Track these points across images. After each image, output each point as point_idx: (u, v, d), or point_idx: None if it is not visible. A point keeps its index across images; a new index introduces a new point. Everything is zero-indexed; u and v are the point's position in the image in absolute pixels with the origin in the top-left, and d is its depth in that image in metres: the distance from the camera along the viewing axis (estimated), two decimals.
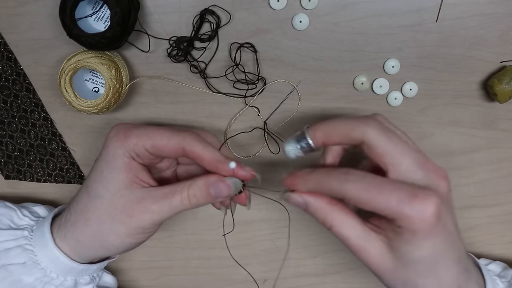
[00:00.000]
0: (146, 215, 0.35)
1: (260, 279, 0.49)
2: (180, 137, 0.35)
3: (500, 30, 0.42)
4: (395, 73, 0.43)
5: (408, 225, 0.30)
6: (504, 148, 0.45)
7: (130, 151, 0.35)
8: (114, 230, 0.36)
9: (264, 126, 0.44)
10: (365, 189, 0.30)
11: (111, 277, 0.45)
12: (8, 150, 0.46)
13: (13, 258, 0.37)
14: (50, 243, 0.37)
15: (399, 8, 0.41)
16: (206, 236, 0.48)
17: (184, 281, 0.50)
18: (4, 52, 0.43)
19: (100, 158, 0.37)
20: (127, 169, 0.35)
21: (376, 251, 0.32)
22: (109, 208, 0.35)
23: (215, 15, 0.41)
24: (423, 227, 0.30)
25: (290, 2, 0.41)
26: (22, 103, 0.44)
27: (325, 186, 0.32)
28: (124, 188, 0.35)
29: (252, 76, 0.43)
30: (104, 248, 0.37)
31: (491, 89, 0.42)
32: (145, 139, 0.35)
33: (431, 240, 0.31)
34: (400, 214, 0.30)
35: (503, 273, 0.42)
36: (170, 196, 0.35)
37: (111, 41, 0.38)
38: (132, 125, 0.37)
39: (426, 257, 0.31)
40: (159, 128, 0.36)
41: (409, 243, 0.31)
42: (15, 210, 0.41)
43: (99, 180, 0.36)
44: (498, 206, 0.47)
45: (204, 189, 0.35)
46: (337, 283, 0.49)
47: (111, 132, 0.36)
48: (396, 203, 0.30)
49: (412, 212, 0.29)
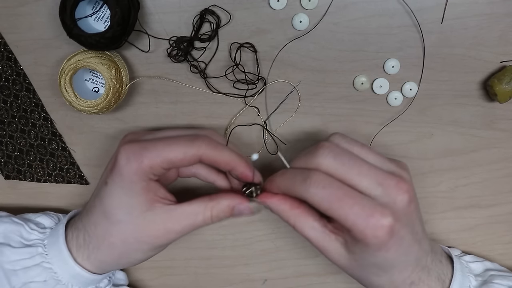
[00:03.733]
0: (171, 235, 0.36)
1: (260, 279, 0.49)
2: (195, 148, 0.35)
3: (500, 30, 0.42)
4: (395, 73, 0.43)
5: (361, 238, 0.32)
6: (504, 148, 0.45)
7: (148, 174, 0.35)
8: (140, 249, 0.37)
9: (264, 126, 0.44)
10: (326, 199, 0.32)
11: (122, 273, 0.46)
12: (8, 150, 0.46)
13: (34, 276, 0.38)
14: (69, 261, 0.37)
15: (399, 8, 0.41)
16: (206, 236, 0.48)
17: (184, 281, 0.50)
18: (4, 52, 0.43)
19: (114, 183, 0.35)
20: (146, 191, 0.35)
21: (335, 250, 0.35)
22: (134, 232, 0.36)
23: (215, 15, 0.41)
24: (376, 242, 0.32)
25: (290, 2, 0.41)
26: (22, 103, 0.44)
27: (291, 190, 0.34)
28: (146, 210, 0.36)
29: (252, 76, 0.43)
30: (128, 263, 0.39)
31: (491, 89, 0.42)
32: (160, 160, 0.34)
33: (382, 253, 0.33)
34: (355, 228, 0.31)
35: (483, 273, 0.42)
36: (193, 216, 0.36)
37: (111, 41, 0.38)
38: (141, 146, 0.35)
39: (378, 263, 0.34)
40: (171, 141, 0.35)
41: (363, 252, 0.33)
42: (22, 225, 0.40)
43: (118, 206, 0.36)
44: (498, 206, 0.47)
45: (227, 211, 0.37)
46: (338, 283, 0.49)
47: (121, 159, 0.35)
48: (353, 218, 0.31)
49: (366, 229, 0.31)
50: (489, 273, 0.42)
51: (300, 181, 0.33)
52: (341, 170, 0.33)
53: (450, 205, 0.47)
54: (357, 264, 0.35)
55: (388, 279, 0.35)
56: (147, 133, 0.39)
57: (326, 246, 0.35)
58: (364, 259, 0.34)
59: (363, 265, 0.34)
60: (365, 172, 0.33)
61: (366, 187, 0.32)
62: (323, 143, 0.34)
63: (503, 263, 0.47)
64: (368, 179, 0.32)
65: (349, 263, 0.35)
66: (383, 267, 0.34)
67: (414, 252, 0.35)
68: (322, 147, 0.34)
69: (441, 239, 0.48)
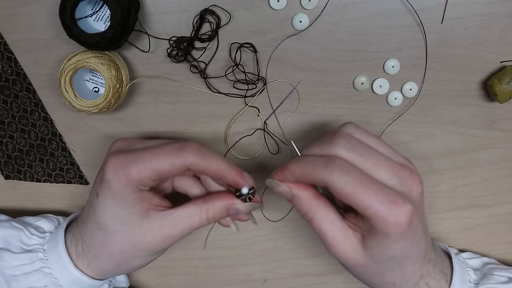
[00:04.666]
0: (169, 240, 0.36)
1: (260, 279, 0.49)
2: (182, 159, 0.34)
3: (500, 30, 0.42)
4: (395, 73, 0.43)
5: (382, 227, 0.31)
6: (504, 148, 0.45)
7: (137, 186, 0.34)
8: (139, 256, 0.37)
9: (264, 127, 0.44)
10: (351, 183, 0.31)
11: (123, 276, 0.46)
12: (8, 150, 0.46)
13: (34, 282, 0.38)
14: (70, 266, 0.37)
15: (399, 8, 0.41)
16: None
17: (184, 281, 0.50)
18: (4, 52, 0.43)
19: (104, 195, 0.35)
20: (139, 202, 0.35)
21: (351, 247, 0.34)
22: (130, 240, 0.36)
23: (215, 15, 0.41)
24: (397, 231, 0.31)
25: (290, 2, 0.41)
26: (22, 103, 0.44)
27: (311, 175, 0.33)
28: (141, 218, 0.35)
29: (252, 76, 0.43)
30: (129, 269, 0.39)
31: (491, 89, 0.42)
32: (148, 172, 0.34)
33: (401, 243, 0.32)
34: (377, 216, 0.31)
35: (482, 268, 0.43)
36: (189, 220, 0.36)
37: (111, 41, 0.38)
38: (128, 158, 0.35)
39: (395, 256, 0.33)
40: (158, 152, 0.35)
41: (381, 244, 0.33)
42: (22, 230, 0.40)
43: (112, 217, 0.35)
44: (498, 206, 0.47)
45: (223, 212, 0.36)
46: (337, 283, 0.50)
47: (108, 172, 0.34)
48: (376, 204, 0.31)
49: (389, 216, 0.31)
50: (488, 266, 0.42)
51: (322, 166, 0.32)
52: (358, 160, 0.32)
53: (450, 205, 0.47)
54: (372, 261, 0.34)
55: (401, 273, 0.35)
56: (136, 140, 0.38)
57: (342, 242, 0.34)
58: (382, 253, 0.33)
59: (379, 261, 0.34)
60: (381, 163, 0.33)
61: (383, 177, 0.32)
62: (340, 132, 0.34)
63: (502, 263, 0.47)
64: (384, 169, 0.32)
65: (364, 260, 0.34)
66: (398, 260, 0.34)
67: (424, 244, 0.35)
68: (339, 136, 0.33)
69: (441, 239, 0.48)
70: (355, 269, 0.35)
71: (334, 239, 0.34)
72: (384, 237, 0.32)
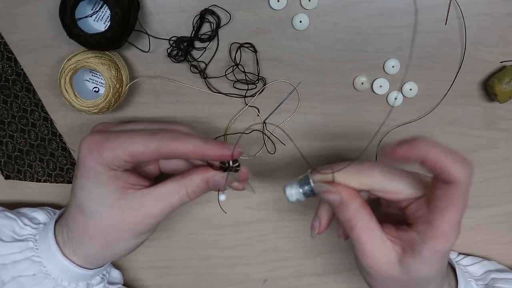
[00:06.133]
0: (150, 220, 0.35)
1: (260, 279, 0.49)
2: (156, 141, 0.33)
3: (500, 30, 0.42)
4: (395, 73, 0.43)
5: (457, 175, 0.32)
6: (504, 148, 0.45)
7: (110, 165, 0.34)
8: (122, 238, 0.36)
9: (263, 127, 0.44)
10: (434, 145, 0.32)
11: (117, 272, 0.46)
12: (8, 150, 0.46)
13: (23, 270, 0.37)
14: (58, 255, 0.37)
15: (399, 8, 0.41)
16: (206, 236, 0.48)
17: (184, 281, 0.50)
18: (4, 52, 0.43)
19: (81, 175, 0.35)
20: (115, 180, 0.35)
21: (385, 259, 0.33)
22: (110, 221, 0.35)
23: (215, 15, 0.41)
24: (448, 242, 0.31)
25: (290, 2, 0.41)
26: (22, 103, 0.44)
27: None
28: (119, 198, 0.35)
29: (252, 76, 0.43)
30: (114, 254, 0.38)
31: (491, 89, 0.42)
32: (121, 151, 0.33)
33: (444, 260, 0.33)
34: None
35: (484, 276, 0.43)
36: (169, 197, 0.35)
37: (111, 41, 0.38)
38: (103, 137, 0.34)
39: (432, 274, 0.33)
40: (133, 134, 0.34)
41: (425, 262, 0.32)
42: (15, 220, 0.40)
43: (89, 198, 0.35)
44: (498, 206, 0.47)
45: (202, 185, 0.35)
46: (337, 283, 0.50)
47: (82, 150, 0.34)
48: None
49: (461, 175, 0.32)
50: (490, 275, 0.42)
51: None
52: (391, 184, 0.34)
53: None
54: (408, 277, 0.33)
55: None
56: (117, 124, 0.38)
57: (377, 252, 0.33)
58: (418, 272, 0.33)
59: (415, 278, 0.33)
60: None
61: None
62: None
63: (503, 263, 0.47)
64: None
65: (397, 275, 0.33)
66: (434, 278, 0.34)
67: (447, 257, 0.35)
68: (375, 163, 0.35)
69: None
70: (381, 280, 0.34)
71: (371, 250, 0.33)
72: (432, 255, 0.31)
